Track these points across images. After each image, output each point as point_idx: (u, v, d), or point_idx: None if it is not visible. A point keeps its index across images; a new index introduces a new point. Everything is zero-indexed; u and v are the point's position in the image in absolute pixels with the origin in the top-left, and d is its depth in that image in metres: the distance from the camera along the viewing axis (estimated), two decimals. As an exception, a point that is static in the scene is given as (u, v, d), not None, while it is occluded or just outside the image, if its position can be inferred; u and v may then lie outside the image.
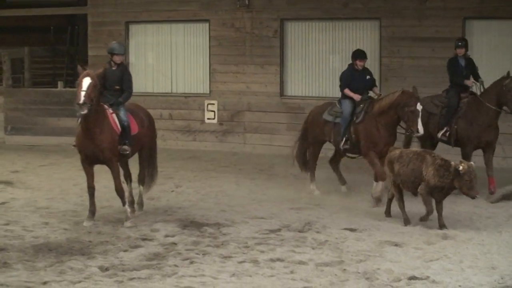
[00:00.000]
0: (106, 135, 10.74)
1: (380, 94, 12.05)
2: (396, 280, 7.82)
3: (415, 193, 10.09)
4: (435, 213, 10.10)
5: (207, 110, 18.17)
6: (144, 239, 9.90)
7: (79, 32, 24.01)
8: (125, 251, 9.30)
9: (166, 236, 10.07)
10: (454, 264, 8.35)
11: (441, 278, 7.77)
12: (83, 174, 11.89)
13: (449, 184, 9.50)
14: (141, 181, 11.83)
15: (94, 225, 10.78)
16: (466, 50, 12.35)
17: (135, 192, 11.86)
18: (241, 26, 17.66)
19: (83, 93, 10.12)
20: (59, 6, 22.01)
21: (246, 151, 17.50)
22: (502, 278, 7.71)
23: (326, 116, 12.28)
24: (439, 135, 12.20)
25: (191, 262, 8.73)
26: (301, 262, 8.68)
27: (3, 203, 12.50)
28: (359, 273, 8.16)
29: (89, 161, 10.88)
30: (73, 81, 20.23)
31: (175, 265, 8.61)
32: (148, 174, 12.04)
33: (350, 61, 14.00)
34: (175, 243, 9.72)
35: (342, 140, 11.78)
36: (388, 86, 15.72)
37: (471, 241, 9.25)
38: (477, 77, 12.22)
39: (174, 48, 18.83)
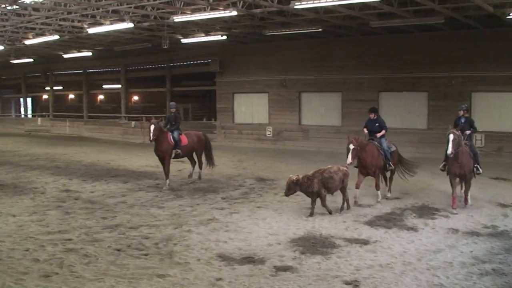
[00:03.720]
0: (165, 145, 12.97)
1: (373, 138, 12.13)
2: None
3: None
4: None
5: (267, 130, 24.96)
6: (244, 186, 12.97)
7: (212, 97, 31.05)
8: (232, 190, 12.27)
9: (250, 184, 13.31)
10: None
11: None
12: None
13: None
14: (199, 166, 14.39)
15: (213, 181, 13.48)
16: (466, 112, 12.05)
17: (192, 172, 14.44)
18: (283, 94, 24.81)
19: (151, 134, 12.44)
20: (203, 86, 30.77)
21: (284, 149, 23.90)
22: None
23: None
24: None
25: (260, 196, 11.74)
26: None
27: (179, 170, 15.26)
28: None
29: (158, 158, 13.15)
30: (209, 119, 27.95)
31: (254, 197, 11.53)
32: (208, 161, 14.27)
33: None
34: (253, 188, 12.82)
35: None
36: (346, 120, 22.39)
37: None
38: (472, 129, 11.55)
39: (254, 104, 26.07)
